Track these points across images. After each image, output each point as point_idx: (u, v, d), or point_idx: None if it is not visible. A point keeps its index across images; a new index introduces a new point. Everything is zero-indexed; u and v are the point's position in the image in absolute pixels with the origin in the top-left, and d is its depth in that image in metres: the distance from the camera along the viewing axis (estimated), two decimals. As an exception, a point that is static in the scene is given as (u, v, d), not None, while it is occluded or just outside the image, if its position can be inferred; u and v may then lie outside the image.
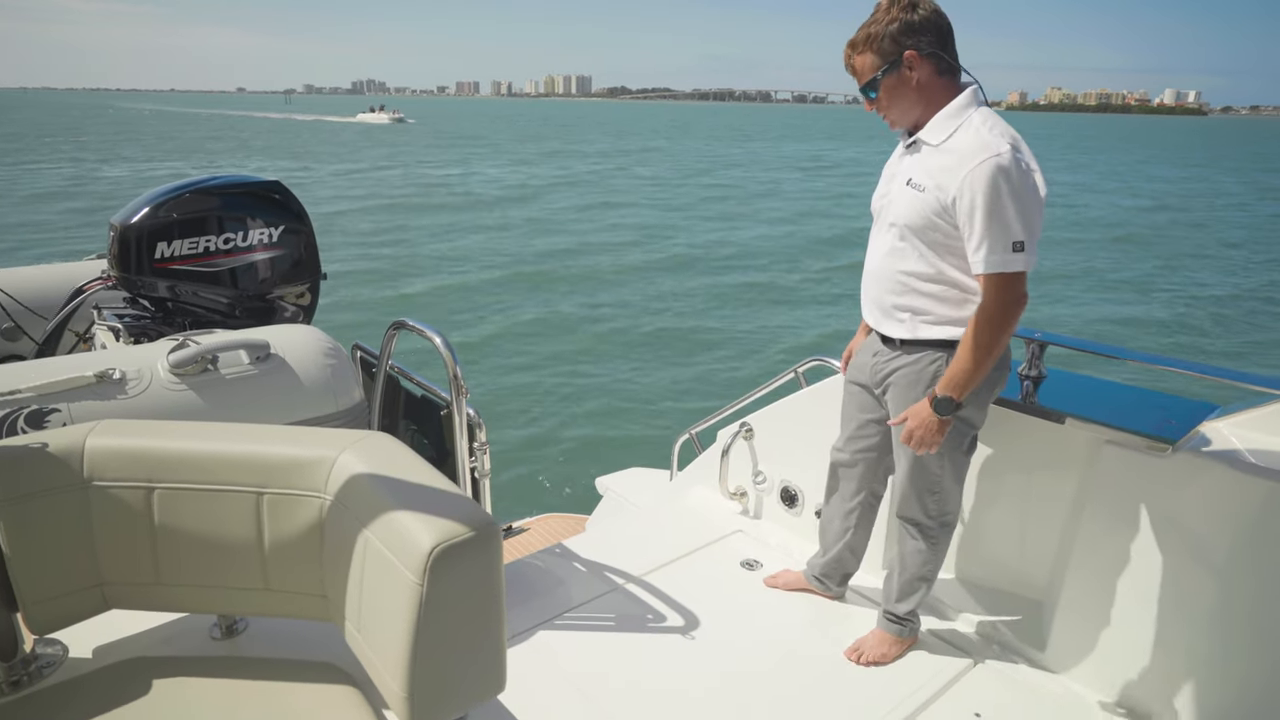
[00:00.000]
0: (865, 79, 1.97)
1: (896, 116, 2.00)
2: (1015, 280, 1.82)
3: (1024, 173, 1.80)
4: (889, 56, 1.92)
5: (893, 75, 1.93)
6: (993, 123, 1.87)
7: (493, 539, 1.27)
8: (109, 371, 2.04)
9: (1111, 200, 29.75)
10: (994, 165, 1.78)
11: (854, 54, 1.98)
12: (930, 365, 2.02)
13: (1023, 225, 1.79)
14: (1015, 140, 1.84)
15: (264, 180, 3.05)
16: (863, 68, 1.97)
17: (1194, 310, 13.81)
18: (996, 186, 1.78)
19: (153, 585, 1.52)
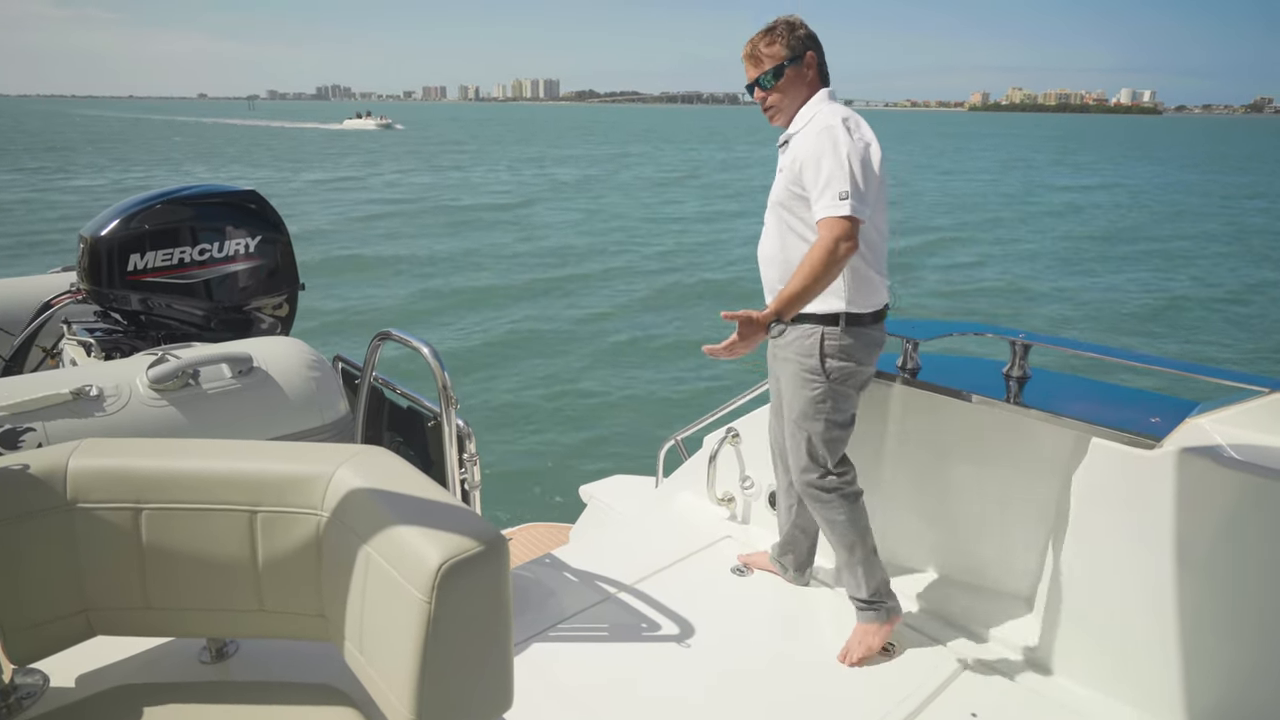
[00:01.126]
0: (770, 66, 2.22)
1: (785, 106, 2.26)
2: (839, 224, 2.00)
3: (851, 139, 2.06)
4: (796, 52, 2.22)
5: (795, 67, 2.22)
6: (834, 106, 2.19)
7: (501, 552, 1.24)
8: (86, 388, 1.98)
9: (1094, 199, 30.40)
10: (824, 131, 2.09)
11: (763, 44, 2.24)
12: (809, 338, 2.21)
13: (846, 178, 2.01)
14: (849, 117, 2.13)
15: (240, 190, 2.98)
16: (771, 54, 2.23)
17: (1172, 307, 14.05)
18: (822, 148, 2.06)
19: (141, 610, 1.47)
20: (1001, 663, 2.25)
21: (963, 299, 14.24)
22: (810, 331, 2.21)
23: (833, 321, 2.19)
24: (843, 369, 2.21)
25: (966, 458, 2.48)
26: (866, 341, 2.22)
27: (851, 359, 2.21)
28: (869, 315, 2.22)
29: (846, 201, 2.00)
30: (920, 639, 2.36)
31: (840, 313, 2.19)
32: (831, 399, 2.23)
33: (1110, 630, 2.10)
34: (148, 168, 37.17)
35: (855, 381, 2.26)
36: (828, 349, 2.20)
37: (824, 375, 2.21)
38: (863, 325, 2.21)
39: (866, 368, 2.27)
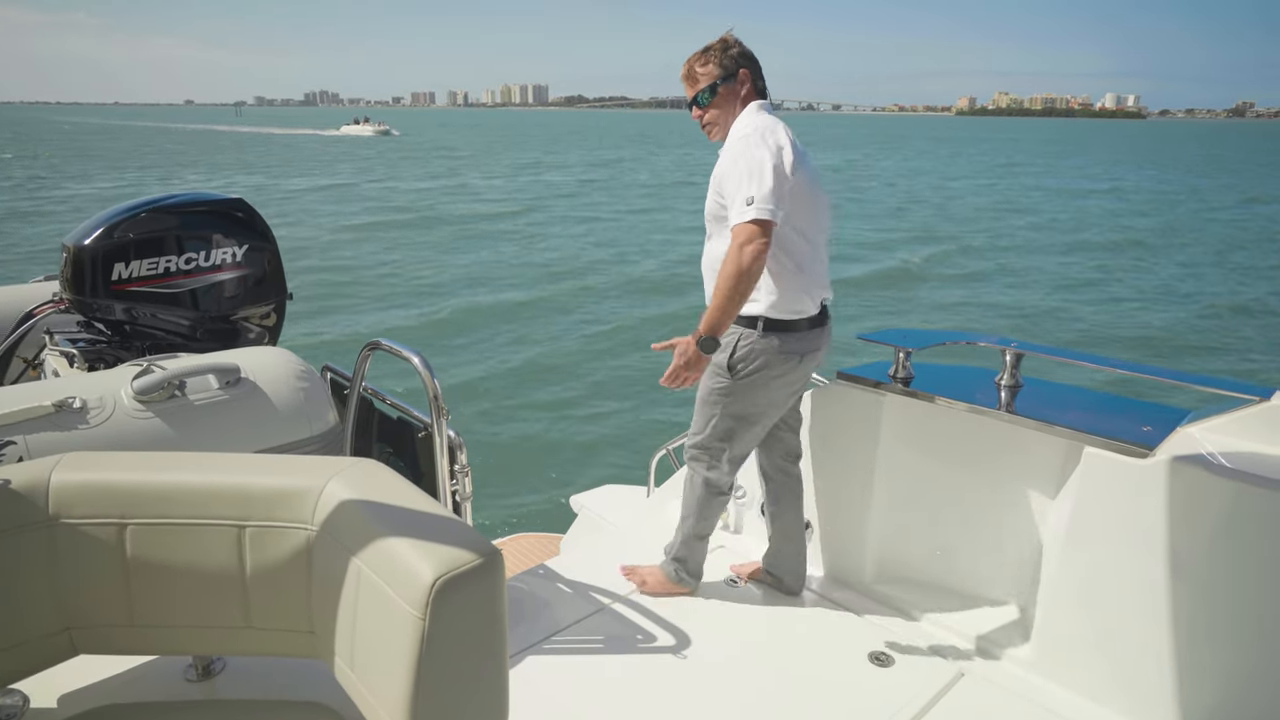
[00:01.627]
0: (705, 84, 2.30)
1: (721, 122, 2.32)
2: (744, 228, 2.04)
3: (762, 145, 2.09)
4: (729, 70, 2.29)
5: (728, 85, 2.29)
6: (758, 118, 2.23)
7: (496, 567, 1.22)
8: (68, 400, 1.94)
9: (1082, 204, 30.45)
10: (738, 142, 2.16)
11: (698, 64, 2.31)
12: (729, 334, 2.25)
13: (754, 184, 2.05)
14: (766, 126, 2.17)
15: (226, 198, 2.95)
16: (705, 73, 2.30)
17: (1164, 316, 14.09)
18: (734, 157, 2.13)
19: (125, 627, 1.44)
20: (997, 672, 2.25)
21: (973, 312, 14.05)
22: (731, 330, 2.25)
23: (751, 324, 2.24)
24: (750, 370, 2.25)
25: (959, 467, 2.47)
26: (785, 349, 2.24)
27: (763, 363, 2.24)
28: (790, 322, 2.24)
29: (752, 206, 2.03)
30: (915, 649, 2.35)
31: (758, 316, 2.22)
32: (733, 395, 2.30)
33: (1105, 638, 2.10)
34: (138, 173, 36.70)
35: (766, 385, 2.28)
36: (739, 350, 2.25)
37: (729, 373, 2.27)
38: (783, 331, 2.23)
39: (781, 374, 2.27)
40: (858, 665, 2.28)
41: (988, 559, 2.47)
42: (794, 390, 2.38)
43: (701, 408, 2.39)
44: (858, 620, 2.49)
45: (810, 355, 2.31)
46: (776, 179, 2.05)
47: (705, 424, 2.38)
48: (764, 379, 2.27)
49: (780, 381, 2.29)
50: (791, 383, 2.33)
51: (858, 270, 16.78)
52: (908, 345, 2.50)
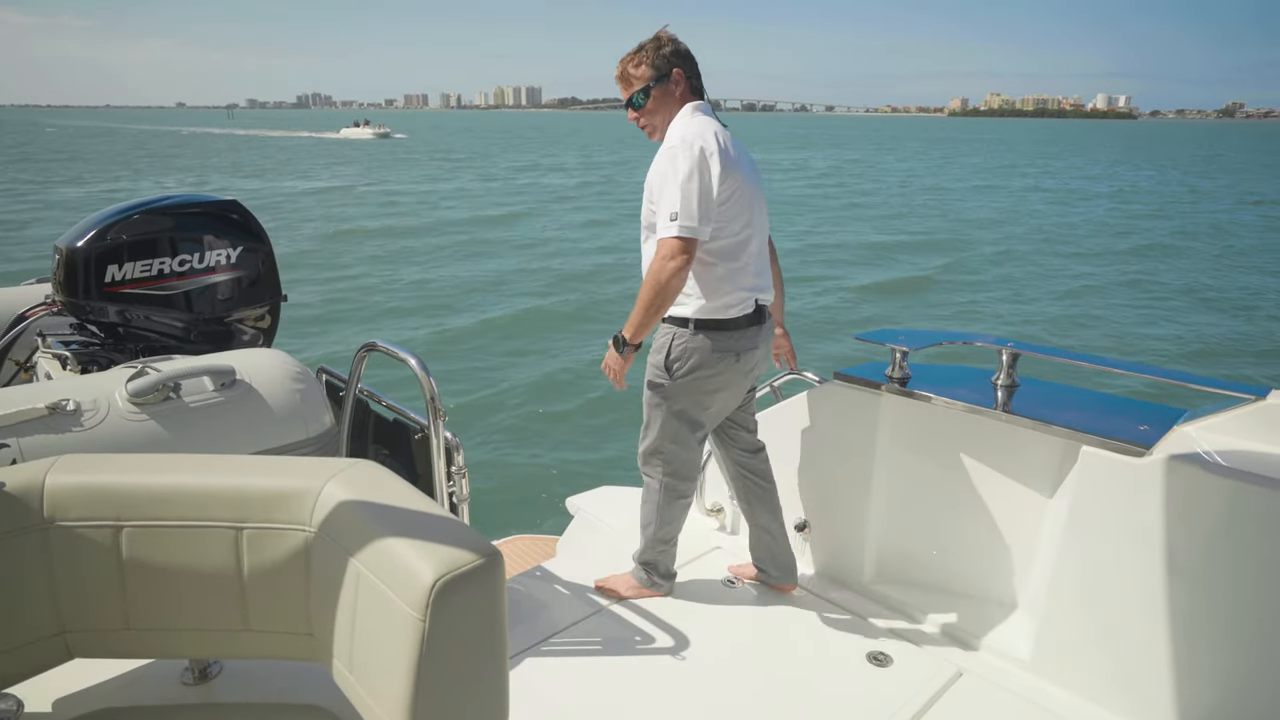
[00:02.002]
0: (639, 86, 2.30)
1: (658, 123, 2.32)
2: (666, 244, 2.10)
3: (687, 159, 2.11)
4: (661, 71, 2.28)
5: (662, 86, 2.29)
6: (691, 122, 2.23)
7: (496, 567, 1.22)
8: (62, 402, 1.93)
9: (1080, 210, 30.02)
10: (665, 152, 2.17)
11: (631, 65, 2.31)
12: (663, 337, 2.32)
13: (677, 200, 2.09)
14: (695, 135, 2.16)
15: (220, 199, 2.94)
16: (639, 75, 2.30)
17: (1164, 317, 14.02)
18: (663, 171, 2.15)
19: (121, 631, 1.43)
20: (995, 672, 2.25)
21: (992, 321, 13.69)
22: (665, 330, 2.31)
23: (683, 324, 2.28)
24: (686, 370, 2.28)
25: (956, 467, 2.48)
26: (718, 347, 2.27)
27: (698, 362, 2.27)
28: (722, 321, 2.27)
29: (674, 223, 2.09)
30: (913, 649, 2.35)
31: (689, 318, 2.26)
32: (673, 395, 2.33)
33: (1103, 638, 2.10)
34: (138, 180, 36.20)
35: (704, 384, 2.30)
36: (674, 350, 2.29)
37: (667, 373, 2.31)
38: (715, 330, 2.26)
39: (717, 371, 2.29)
40: (856, 666, 2.28)
41: (985, 559, 2.47)
42: (734, 388, 2.38)
43: (647, 411, 2.42)
44: (855, 620, 2.49)
45: (747, 353, 2.33)
46: (701, 195, 2.10)
47: (652, 427, 2.42)
48: (701, 377, 2.29)
49: (718, 379, 2.31)
50: (730, 381, 2.34)
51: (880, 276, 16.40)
52: (905, 345, 2.50)
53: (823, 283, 15.80)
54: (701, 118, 2.26)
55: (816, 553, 2.76)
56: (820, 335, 12.27)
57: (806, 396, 2.72)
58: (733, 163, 2.19)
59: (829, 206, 28.68)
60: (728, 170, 2.16)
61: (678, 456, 2.43)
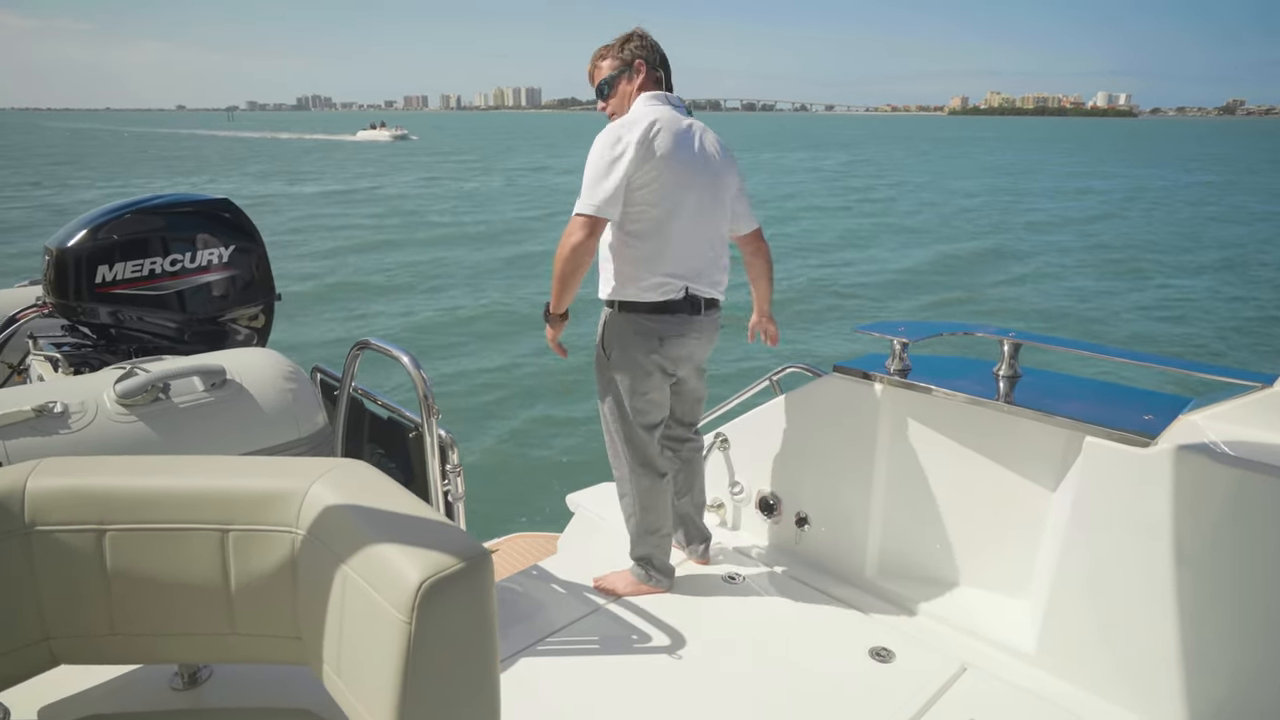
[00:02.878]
0: (605, 76, 2.40)
1: (621, 111, 2.38)
2: (572, 220, 2.21)
3: (608, 145, 2.21)
4: (625, 62, 2.38)
5: (625, 75, 2.38)
6: (638, 110, 2.32)
7: (484, 568, 1.19)
8: (49, 404, 1.90)
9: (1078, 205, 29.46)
10: (597, 139, 2.25)
11: (598, 60, 2.42)
12: (601, 318, 2.42)
13: (585, 179, 2.22)
14: (633, 120, 2.25)
15: (212, 198, 2.91)
16: (605, 66, 2.40)
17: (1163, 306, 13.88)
18: (590, 154, 2.25)
19: (106, 637, 1.40)
20: (1000, 666, 2.21)
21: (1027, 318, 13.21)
22: (602, 314, 2.42)
23: (610, 305, 2.39)
24: (615, 349, 2.38)
25: (958, 459, 2.44)
26: (639, 329, 2.33)
27: (622, 341, 2.36)
28: (641, 304, 2.33)
29: (580, 201, 2.20)
30: (916, 644, 2.32)
31: (611, 299, 2.37)
32: (611, 374, 2.41)
33: (1109, 631, 2.07)
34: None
35: (633, 363, 2.36)
36: (604, 330, 2.41)
37: (605, 354, 2.41)
38: (634, 313, 2.34)
39: (643, 353, 2.35)
40: (858, 662, 2.25)
41: (988, 552, 2.44)
42: (663, 372, 2.41)
43: (599, 400, 2.50)
44: (857, 616, 2.46)
45: (674, 340, 2.35)
46: (608, 177, 2.19)
47: (605, 413, 2.49)
48: (628, 357, 2.37)
49: (646, 363, 2.36)
50: (657, 365, 2.37)
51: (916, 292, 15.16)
52: (904, 336, 2.47)
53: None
54: (652, 106, 2.32)
55: (817, 547, 2.73)
56: (815, 328, 12.26)
57: (806, 390, 2.69)
58: (665, 150, 2.23)
59: (926, 226, 23.73)
60: (648, 157, 2.21)
61: (634, 441, 2.46)
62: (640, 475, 2.48)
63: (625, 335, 2.35)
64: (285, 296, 3.12)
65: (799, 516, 2.76)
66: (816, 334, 12.09)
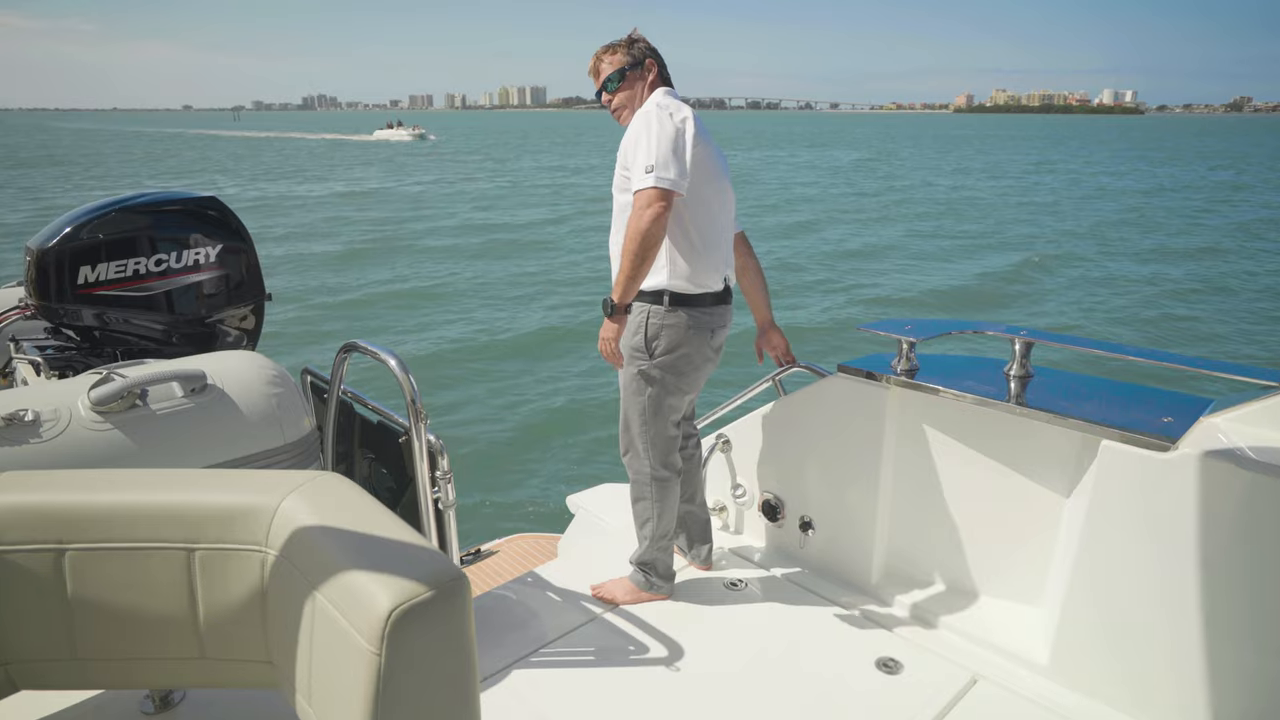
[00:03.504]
0: (614, 69, 2.36)
1: (630, 105, 2.36)
2: (644, 194, 2.11)
3: (665, 119, 2.17)
4: (635, 59, 2.37)
5: (635, 71, 2.36)
6: (662, 98, 2.30)
7: (460, 593, 1.11)
8: (19, 413, 1.82)
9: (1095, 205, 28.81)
10: (640, 116, 2.22)
11: (606, 55, 2.39)
12: (638, 314, 2.29)
13: (655, 153, 2.12)
14: (669, 103, 2.24)
15: (198, 196, 2.83)
16: (613, 63, 2.37)
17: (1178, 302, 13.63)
18: (637, 131, 2.19)
19: (68, 661, 1.33)
20: (1011, 678, 2.13)
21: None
22: (639, 309, 2.29)
23: (657, 300, 2.27)
24: (665, 347, 2.28)
25: (968, 462, 2.35)
26: (694, 322, 2.28)
27: (674, 337, 2.28)
28: (696, 296, 2.28)
29: (652, 174, 2.10)
30: (925, 652, 2.23)
31: (664, 290, 2.26)
32: (655, 375, 2.32)
33: (1125, 643, 1.98)
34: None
35: (683, 360, 2.30)
36: (650, 328, 2.28)
37: (647, 353, 2.29)
38: (690, 306, 2.27)
39: (695, 348, 2.31)
40: (865, 673, 2.17)
41: (999, 559, 2.35)
42: (709, 366, 2.40)
43: (627, 398, 2.39)
44: (864, 624, 2.37)
45: (719, 330, 2.36)
46: (677, 149, 2.13)
47: (635, 414, 2.38)
48: (680, 354, 2.29)
49: (697, 356, 2.32)
50: (707, 358, 2.36)
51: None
52: (912, 335, 2.38)
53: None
54: (675, 100, 2.31)
55: (822, 553, 2.65)
56: (818, 326, 12.14)
57: (810, 390, 2.60)
58: (705, 137, 2.24)
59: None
60: (701, 140, 2.20)
61: (662, 441, 2.40)
62: (662, 476, 2.43)
63: (678, 330, 2.27)
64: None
65: (803, 521, 2.67)
66: (821, 326, 12.00)
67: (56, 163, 47.53)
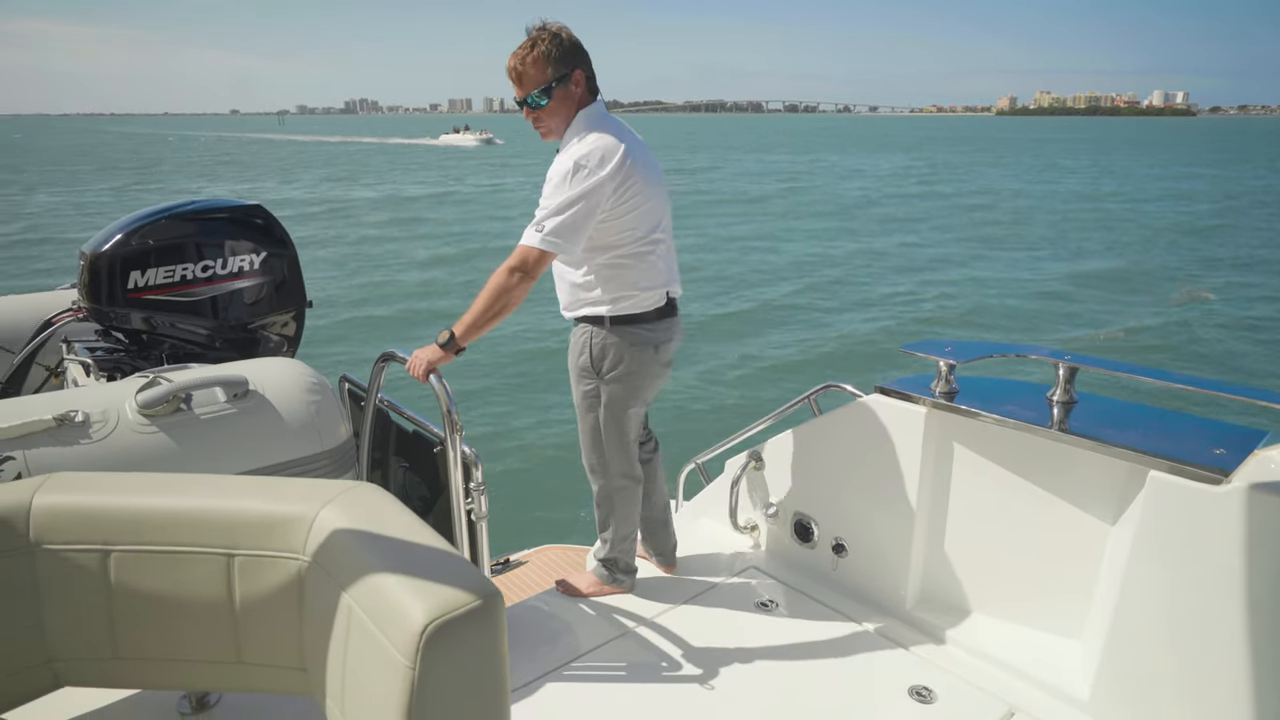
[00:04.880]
0: (539, 85, 2.19)
1: (555, 125, 2.25)
2: (527, 252, 2.12)
3: (581, 179, 2.09)
4: (561, 71, 2.18)
5: (563, 87, 2.20)
6: (602, 131, 2.18)
7: (494, 609, 1.11)
8: (70, 414, 1.88)
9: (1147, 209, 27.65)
10: (568, 158, 2.13)
11: (529, 62, 2.17)
12: (583, 335, 2.34)
13: (555, 210, 2.09)
14: (600, 150, 2.12)
15: (244, 204, 2.90)
16: (538, 74, 2.18)
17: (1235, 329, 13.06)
18: (560, 174, 2.12)
19: (110, 660, 1.36)
20: (1050, 712, 2.07)
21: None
22: (583, 330, 2.34)
23: (598, 322, 2.31)
24: (610, 365, 2.32)
25: (1008, 488, 2.30)
26: (636, 339, 2.31)
27: (618, 355, 2.31)
28: (637, 315, 2.30)
29: (542, 231, 2.10)
30: (960, 682, 2.18)
31: (604, 316, 2.29)
32: (604, 393, 2.35)
33: (1172, 681, 1.91)
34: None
35: (630, 376, 2.33)
36: (594, 349, 2.32)
37: (594, 374, 2.34)
38: (632, 324, 2.30)
39: (640, 364, 2.33)
40: (898, 701, 2.13)
41: (1040, 589, 2.29)
42: (658, 380, 2.43)
43: (582, 418, 2.43)
44: (897, 651, 2.33)
45: (664, 345, 2.37)
46: (579, 217, 2.10)
47: (591, 433, 2.43)
48: (625, 371, 2.32)
49: (642, 372, 2.35)
50: (653, 373, 2.39)
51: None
52: (952, 357, 2.34)
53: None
54: (609, 124, 2.23)
55: (855, 576, 2.61)
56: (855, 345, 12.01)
57: (846, 410, 2.57)
58: (639, 172, 2.19)
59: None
60: (631, 183, 2.17)
61: (620, 454, 2.44)
62: (625, 486, 2.50)
63: (620, 348, 2.30)
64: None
65: (836, 542, 2.64)
66: (858, 344, 11.86)
67: (178, 168, 47.15)
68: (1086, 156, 63.72)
